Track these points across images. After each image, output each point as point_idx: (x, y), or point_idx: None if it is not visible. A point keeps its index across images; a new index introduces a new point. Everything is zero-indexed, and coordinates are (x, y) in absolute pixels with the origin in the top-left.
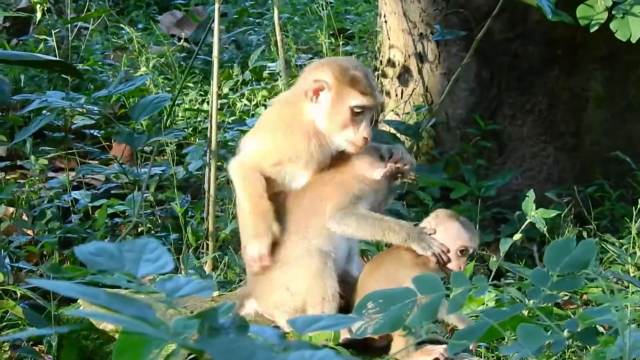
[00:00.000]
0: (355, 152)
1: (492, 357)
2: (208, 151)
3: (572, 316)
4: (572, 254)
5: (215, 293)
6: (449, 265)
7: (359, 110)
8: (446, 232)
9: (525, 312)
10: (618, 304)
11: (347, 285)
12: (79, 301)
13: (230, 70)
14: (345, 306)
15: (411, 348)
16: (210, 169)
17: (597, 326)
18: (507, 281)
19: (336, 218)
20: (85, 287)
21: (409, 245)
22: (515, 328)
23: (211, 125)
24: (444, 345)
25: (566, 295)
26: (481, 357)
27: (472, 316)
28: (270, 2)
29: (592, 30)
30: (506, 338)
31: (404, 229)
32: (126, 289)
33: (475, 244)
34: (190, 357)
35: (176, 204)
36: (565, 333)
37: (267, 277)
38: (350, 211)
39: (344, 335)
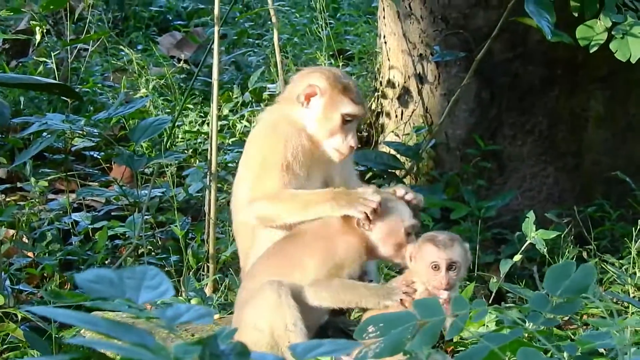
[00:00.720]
0: (338, 160)
1: None
2: (208, 173)
3: (573, 337)
4: (572, 278)
5: (216, 316)
6: (432, 286)
7: (349, 119)
8: (420, 255)
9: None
10: (617, 328)
11: None
12: None
13: (230, 93)
14: None
15: None
16: (210, 192)
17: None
18: (508, 304)
19: (311, 293)
20: (85, 314)
21: (384, 305)
22: (515, 352)
23: (211, 148)
24: None
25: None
26: None
27: (472, 340)
28: (269, 23)
29: (591, 51)
30: None
31: (372, 292)
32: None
33: (446, 255)
34: None
35: (176, 226)
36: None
37: (239, 319)
38: (324, 286)
39: None
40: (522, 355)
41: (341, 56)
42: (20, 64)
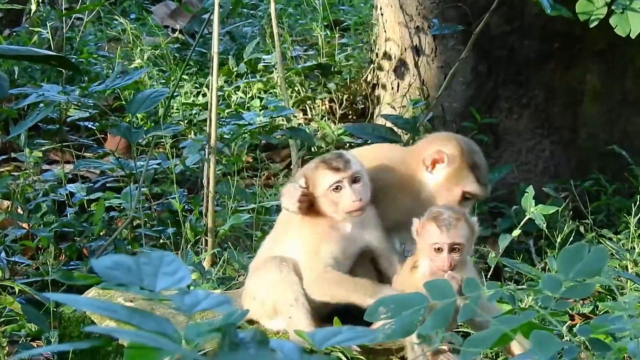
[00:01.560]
0: None
1: None
2: (207, 147)
3: (570, 311)
4: (584, 261)
5: (217, 291)
6: (435, 266)
7: (468, 197)
8: (423, 235)
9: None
10: (631, 311)
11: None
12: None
13: (230, 66)
14: None
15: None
16: (209, 165)
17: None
18: (521, 287)
19: (309, 290)
20: (103, 302)
21: (368, 304)
22: (525, 334)
23: (210, 121)
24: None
25: None
26: None
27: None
28: None
29: (591, 26)
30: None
31: (359, 287)
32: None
33: (448, 239)
34: None
35: (174, 198)
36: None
37: (244, 287)
38: (316, 280)
39: None
40: (535, 338)
41: (337, 27)
42: (14, 34)
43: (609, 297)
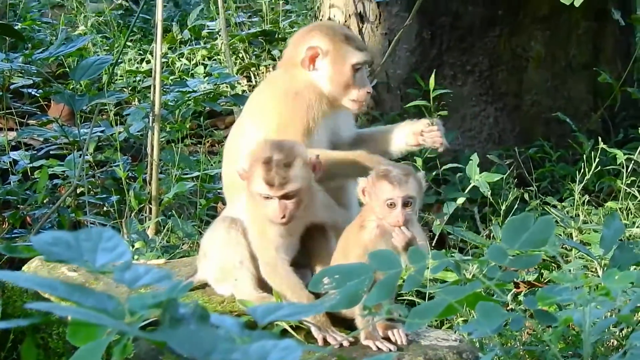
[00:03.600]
0: (358, 110)
1: None
2: (151, 114)
3: (515, 280)
4: (530, 231)
5: (161, 260)
6: (388, 222)
7: (358, 67)
8: (374, 192)
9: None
10: (577, 283)
11: None
12: (24, 268)
13: (174, 33)
14: None
15: (373, 326)
16: (153, 132)
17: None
18: (466, 257)
19: (261, 269)
20: (43, 278)
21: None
22: (471, 305)
23: (154, 88)
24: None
25: None
26: None
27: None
28: None
29: None
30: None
31: (297, 296)
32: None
33: (401, 193)
34: None
35: (118, 166)
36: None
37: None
38: (270, 268)
39: None
40: (481, 308)
41: None
42: None
43: (553, 264)
